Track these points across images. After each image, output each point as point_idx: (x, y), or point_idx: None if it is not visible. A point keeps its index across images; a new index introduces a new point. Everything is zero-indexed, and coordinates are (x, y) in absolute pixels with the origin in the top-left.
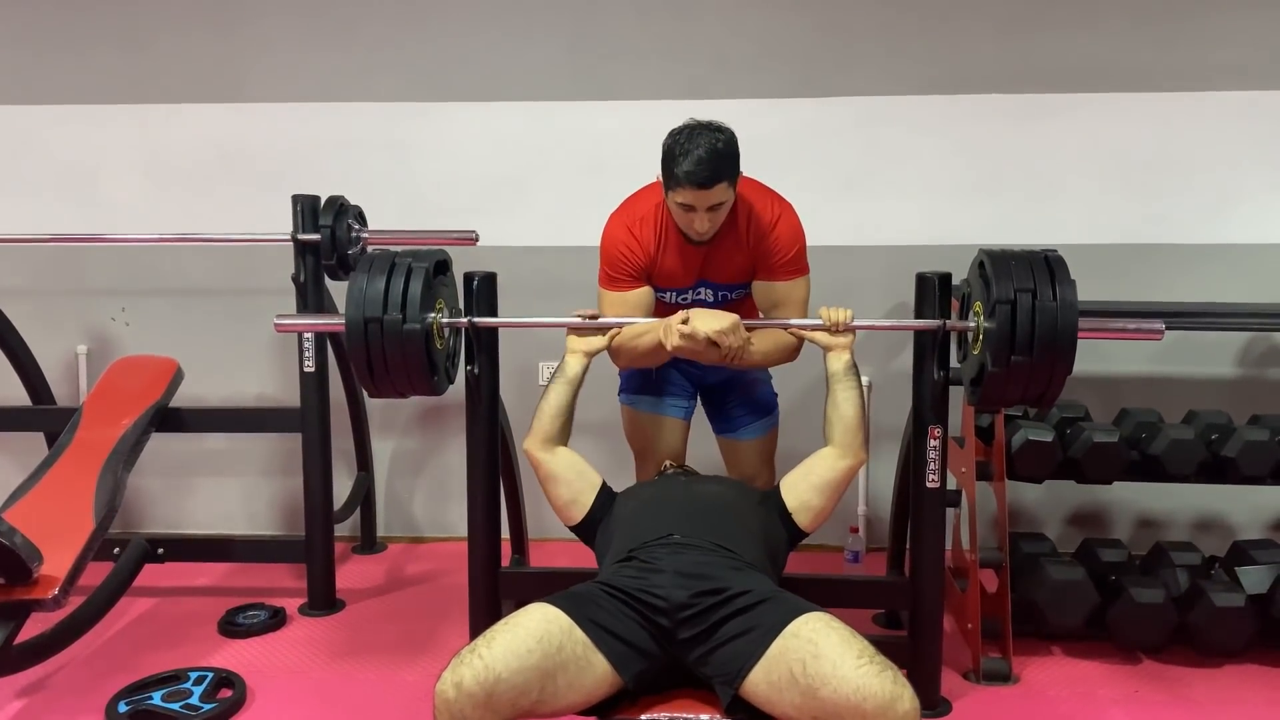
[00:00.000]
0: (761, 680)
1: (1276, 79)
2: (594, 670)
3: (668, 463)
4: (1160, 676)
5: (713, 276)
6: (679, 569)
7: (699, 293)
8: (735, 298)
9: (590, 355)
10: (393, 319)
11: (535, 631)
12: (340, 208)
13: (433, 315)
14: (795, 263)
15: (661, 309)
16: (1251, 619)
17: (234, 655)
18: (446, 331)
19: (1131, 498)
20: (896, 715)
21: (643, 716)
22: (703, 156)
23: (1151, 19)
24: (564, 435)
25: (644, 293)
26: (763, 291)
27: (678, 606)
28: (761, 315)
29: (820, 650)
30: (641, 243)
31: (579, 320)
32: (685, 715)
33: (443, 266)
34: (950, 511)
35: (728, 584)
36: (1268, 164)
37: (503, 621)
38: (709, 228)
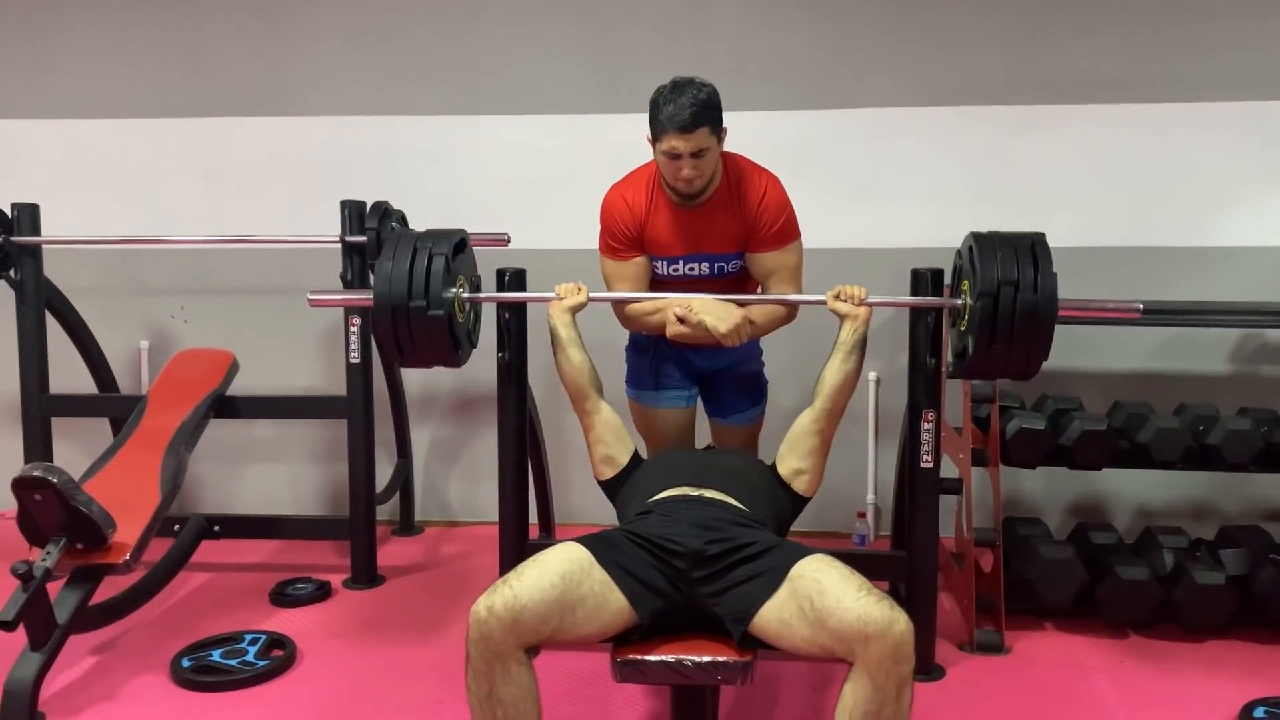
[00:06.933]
0: (772, 618)
1: (1268, 90)
2: (610, 606)
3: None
4: (1145, 650)
5: (707, 248)
6: (694, 521)
7: (692, 265)
8: (731, 270)
9: (573, 310)
10: (418, 293)
11: (559, 568)
12: (385, 212)
13: (454, 290)
14: (785, 229)
15: (655, 283)
16: (1232, 597)
17: (284, 621)
18: (468, 305)
19: (1129, 488)
20: (895, 635)
21: (654, 657)
22: (685, 103)
23: (1147, 32)
24: (598, 384)
25: (641, 263)
26: (757, 263)
27: (693, 552)
28: (759, 287)
29: (824, 587)
30: (631, 205)
31: (570, 295)
32: (692, 657)
33: (461, 245)
34: (952, 499)
35: (736, 536)
36: (1260, 171)
37: (533, 558)
38: (694, 175)
